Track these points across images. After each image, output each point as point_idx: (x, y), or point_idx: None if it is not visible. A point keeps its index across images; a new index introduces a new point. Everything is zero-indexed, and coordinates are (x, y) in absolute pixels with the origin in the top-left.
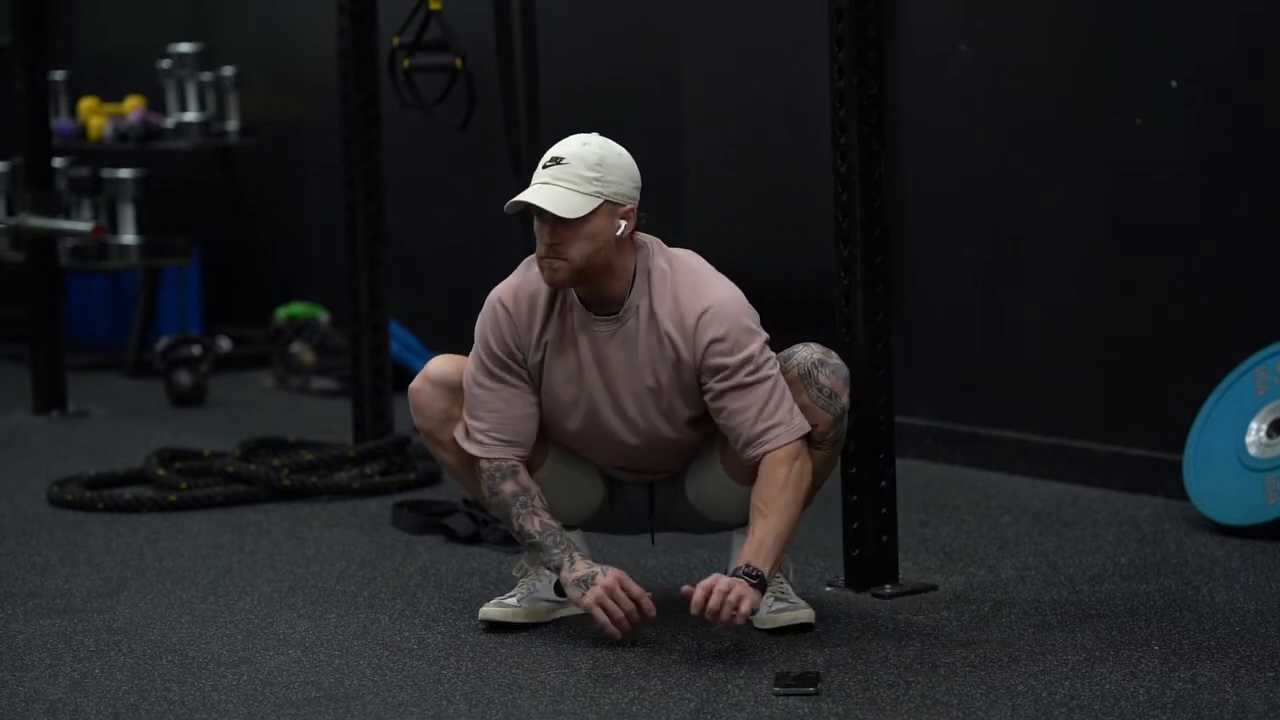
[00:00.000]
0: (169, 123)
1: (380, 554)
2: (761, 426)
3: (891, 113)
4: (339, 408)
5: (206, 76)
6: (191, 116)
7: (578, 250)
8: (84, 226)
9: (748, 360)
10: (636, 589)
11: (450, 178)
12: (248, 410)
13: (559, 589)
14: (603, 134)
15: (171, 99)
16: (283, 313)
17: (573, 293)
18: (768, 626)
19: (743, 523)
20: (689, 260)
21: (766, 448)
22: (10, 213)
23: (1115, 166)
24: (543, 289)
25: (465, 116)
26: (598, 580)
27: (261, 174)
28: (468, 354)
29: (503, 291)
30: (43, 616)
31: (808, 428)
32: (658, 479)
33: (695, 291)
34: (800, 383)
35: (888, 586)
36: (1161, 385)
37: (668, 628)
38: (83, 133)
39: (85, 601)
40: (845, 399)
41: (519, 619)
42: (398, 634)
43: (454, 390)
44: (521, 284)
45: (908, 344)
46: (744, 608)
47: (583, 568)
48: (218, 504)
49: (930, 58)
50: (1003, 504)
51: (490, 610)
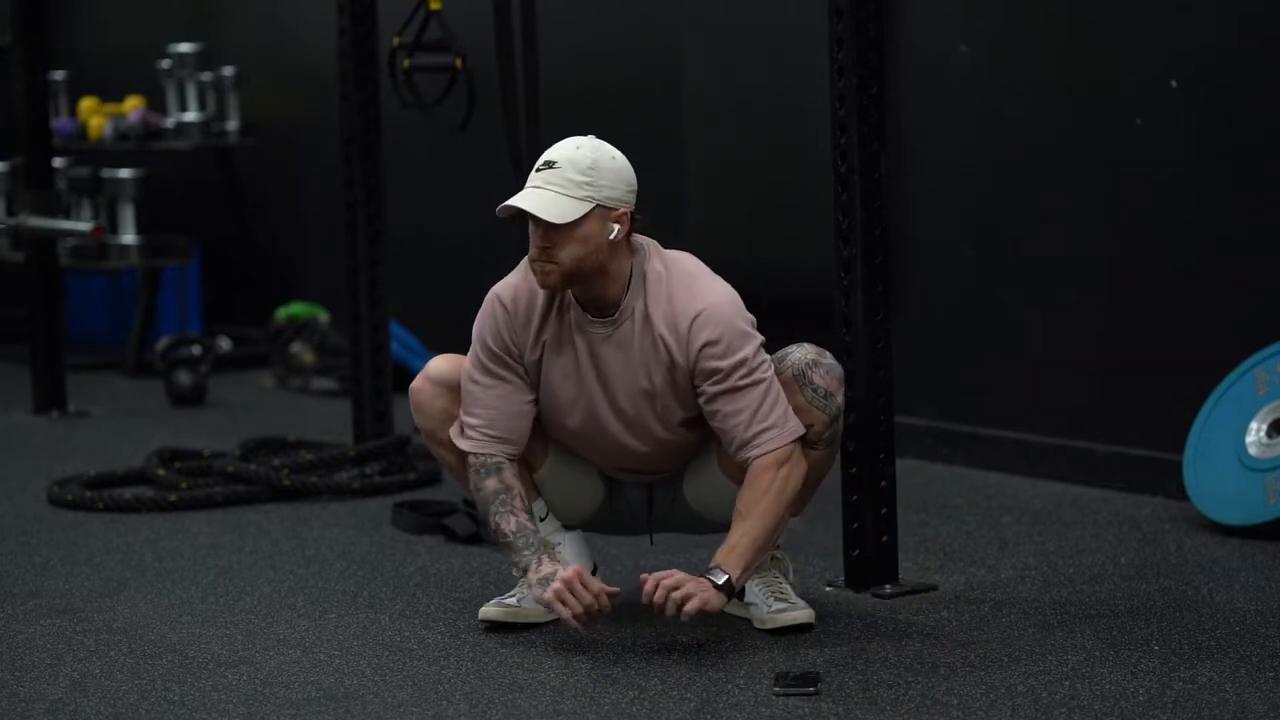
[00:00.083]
0: (169, 123)
1: (380, 554)
2: (754, 430)
3: (891, 113)
4: (339, 408)
5: (206, 76)
6: (191, 116)
7: (569, 254)
8: (84, 226)
9: (741, 363)
10: (596, 584)
11: (450, 178)
12: (248, 410)
13: None
14: (603, 134)
15: (171, 99)
16: (283, 313)
17: (570, 294)
18: (768, 626)
19: None
20: (685, 262)
21: (757, 452)
22: (10, 213)
23: (1115, 166)
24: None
25: (465, 116)
26: (558, 575)
27: (261, 174)
28: (467, 353)
29: (502, 290)
30: (43, 616)
31: (801, 431)
32: (657, 479)
33: (690, 294)
34: (795, 383)
35: (888, 586)
36: (1161, 385)
37: (668, 628)
38: (83, 133)
39: (85, 601)
40: (840, 398)
41: (519, 619)
42: (398, 634)
43: (454, 390)
44: (521, 283)
45: (908, 344)
46: (690, 606)
47: (547, 567)
48: (218, 504)
49: (930, 58)
50: (1003, 504)
51: (490, 610)
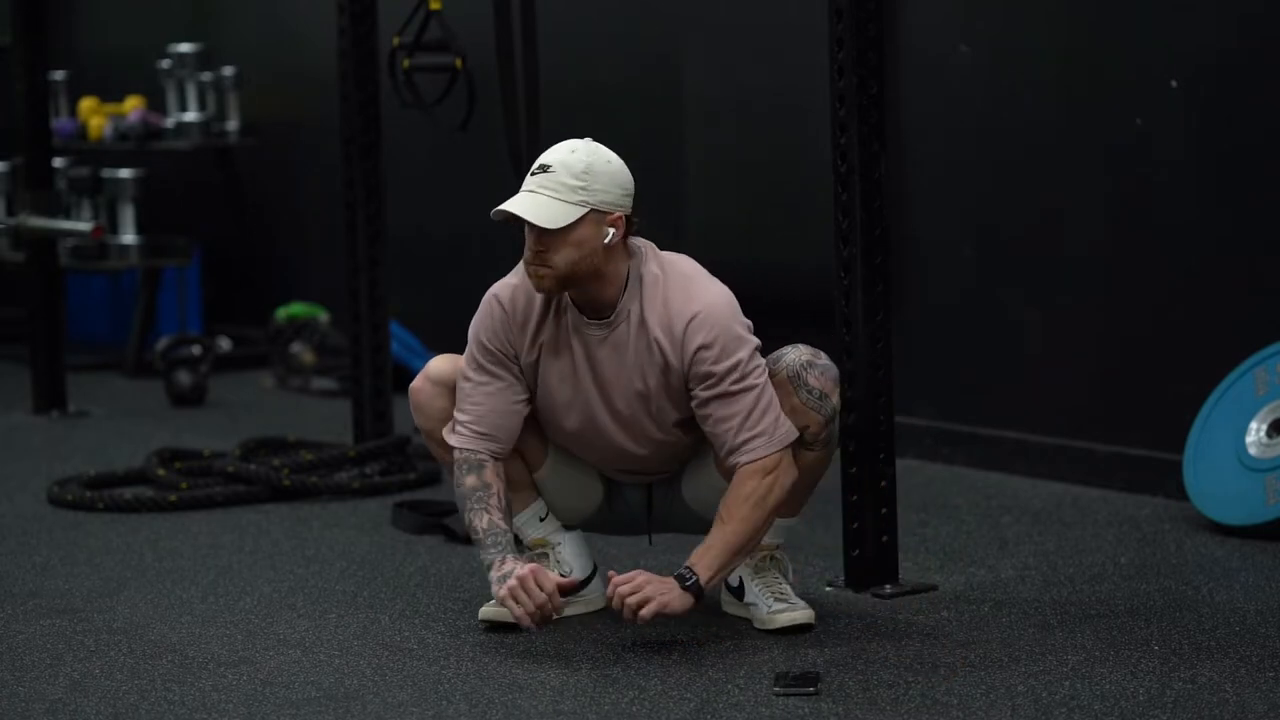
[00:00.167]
0: (169, 123)
1: (380, 554)
2: (743, 437)
3: (891, 113)
4: (339, 408)
5: (206, 76)
6: (191, 116)
7: (563, 258)
8: (84, 226)
9: (734, 367)
10: (550, 585)
11: (450, 178)
12: (248, 410)
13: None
14: (602, 134)
15: (171, 99)
16: (283, 313)
17: (567, 296)
18: (768, 627)
19: None
20: (682, 265)
21: (744, 459)
22: (10, 213)
23: (1115, 166)
24: None
25: (465, 116)
26: (514, 574)
27: (261, 174)
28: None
29: (500, 290)
30: (43, 616)
31: (793, 436)
32: (655, 480)
33: (685, 297)
34: (789, 385)
35: (888, 586)
36: (1161, 385)
37: (668, 627)
38: (83, 133)
39: (85, 601)
40: (836, 399)
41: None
42: (398, 634)
43: (454, 390)
44: (519, 284)
45: (908, 344)
46: (645, 611)
47: (508, 565)
48: (218, 504)
49: (930, 58)
50: (1003, 504)
51: (490, 610)
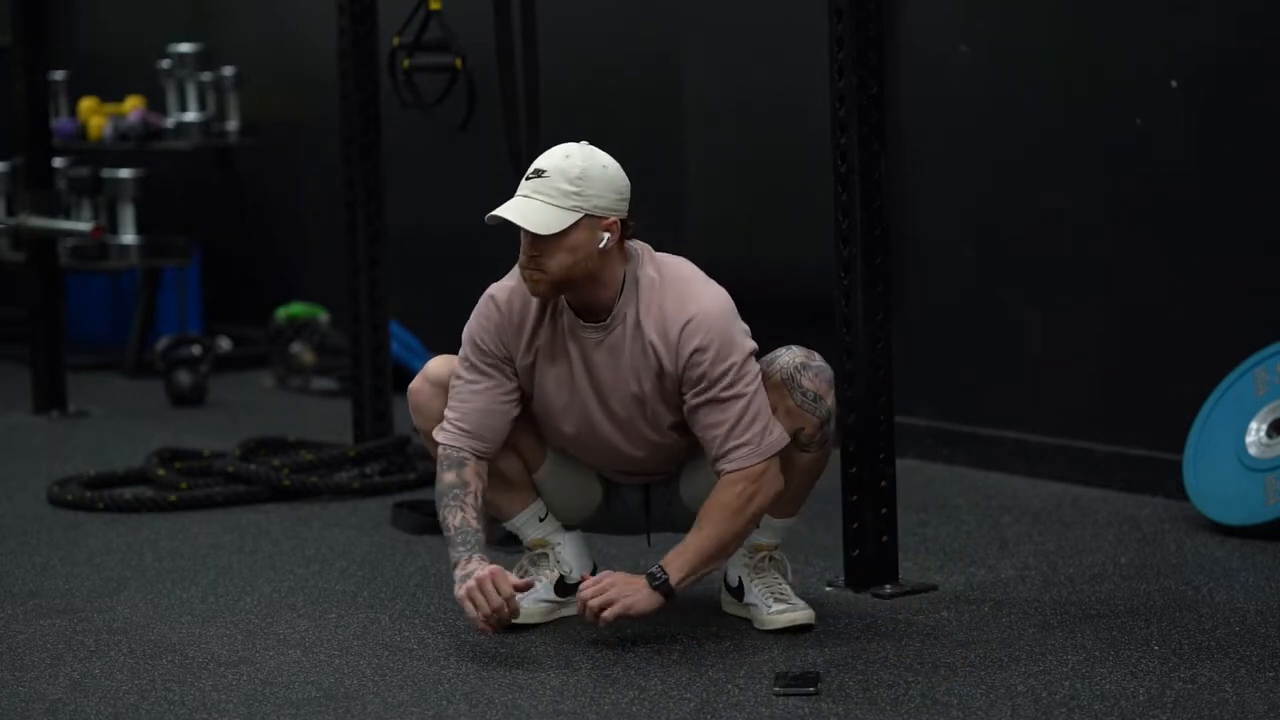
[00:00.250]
0: (169, 123)
1: (380, 554)
2: (729, 445)
3: (891, 113)
4: (339, 408)
5: (206, 76)
6: (191, 116)
7: (557, 263)
8: (84, 226)
9: (728, 372)
10: (508, 588)
11: (450, 178)
12: (248, 410)
13: (559, 589)
14: (602, 134)
15: (171, 99)
16: (283, 313)
17: (563, 299)
18: (768, 627)
19: None
20: (678, 268)
21: (728, 467)
22: (10, 213)
23: (1115, 166)
24: None
25: (465, 116)
26: (473, 575)
27: (261, 174)
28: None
29: (497, 291)
30: (43, 616)
31: (781, 444)
32: (653, 481)
33: (681, 300)
34: (784, 387)
35: (888, 586)
36: (1161, 385)
37: (668, 627)
38: (83, 133)
39: (85, 601)
40: (830, 401)
41: (519, 619)
42: (398, 634)
43: None
44: (516, 285)
45: (908, 344)
46: (607, 614)
47: (472, 565)
48: (218, 504)
49: (930, 58)
50: (1003, 504)
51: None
